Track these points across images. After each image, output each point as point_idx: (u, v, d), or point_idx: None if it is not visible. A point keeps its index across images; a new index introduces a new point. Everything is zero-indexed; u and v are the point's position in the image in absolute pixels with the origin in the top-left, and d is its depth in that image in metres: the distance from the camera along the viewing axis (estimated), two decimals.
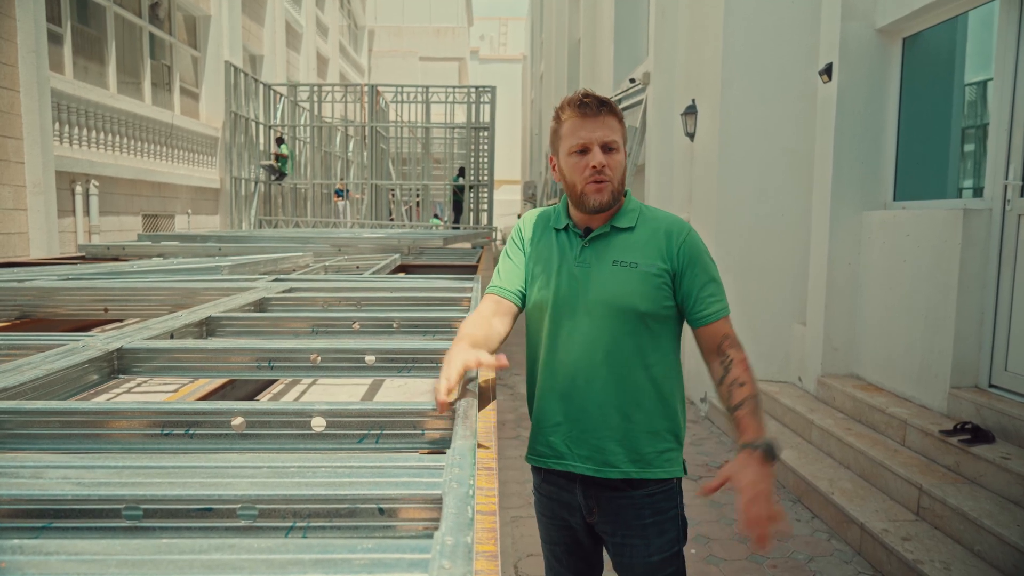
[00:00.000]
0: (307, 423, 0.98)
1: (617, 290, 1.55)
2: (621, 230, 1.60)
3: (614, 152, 1.55)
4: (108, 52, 8.88)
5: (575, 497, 1.65)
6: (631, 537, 1.61)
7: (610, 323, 1.55)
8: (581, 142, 1.54)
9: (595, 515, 1.64)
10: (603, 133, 1.53)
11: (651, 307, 1.55)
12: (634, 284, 1.55)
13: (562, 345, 1.59)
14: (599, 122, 1.54)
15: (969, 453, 3.43)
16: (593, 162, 1.53)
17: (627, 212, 1.62)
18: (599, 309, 1.56)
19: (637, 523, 1.60)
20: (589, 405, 1.57)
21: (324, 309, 2.00)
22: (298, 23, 16.93)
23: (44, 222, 6.83)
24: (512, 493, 4.01)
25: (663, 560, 1.61)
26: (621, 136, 1.58)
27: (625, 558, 1.63)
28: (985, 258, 3.81)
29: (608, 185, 1.55)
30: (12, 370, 1.12)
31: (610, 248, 1.59)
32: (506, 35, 48.25)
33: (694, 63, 6.47)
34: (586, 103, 1.54)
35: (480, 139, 15.05)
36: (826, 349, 5.00)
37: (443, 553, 0.56)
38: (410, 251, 4.49)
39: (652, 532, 1.60)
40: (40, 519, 0.68)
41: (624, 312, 1.55)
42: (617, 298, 1.55)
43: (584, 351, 1.57)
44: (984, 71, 4.18)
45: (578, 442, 1.59)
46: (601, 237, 1.60)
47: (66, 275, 2.55)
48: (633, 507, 1.60)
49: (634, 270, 1.56)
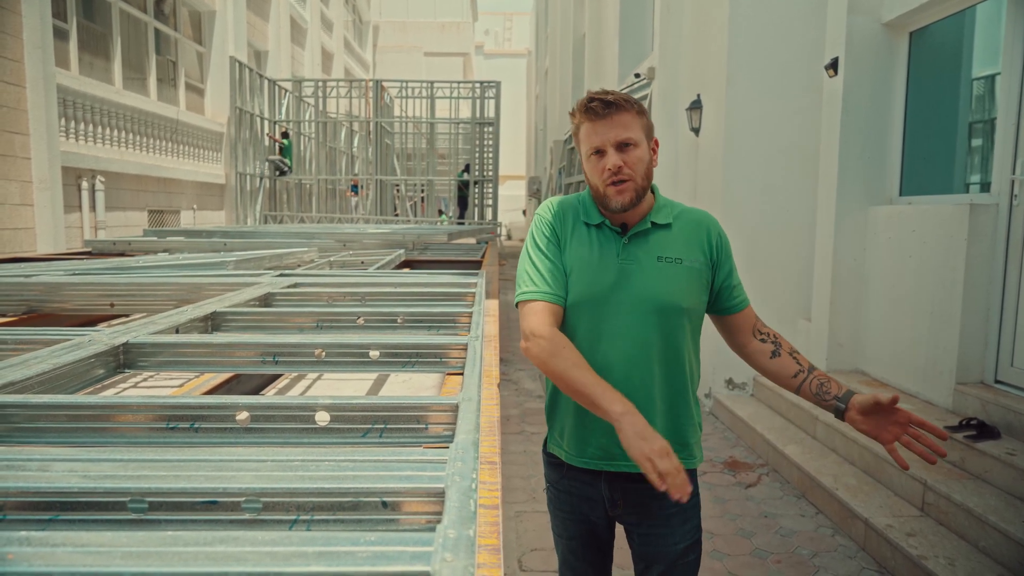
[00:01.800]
0: (311, 417, 0.98)
1: (664, 287, 1.56)
2: (660, 226, 1.61)
3: (631, 148, 1.54)
4: (113, 48, 8.90)
5: (598, 491, 1.66)
6: (657, 527, 1.64)
7: (658, 319, 1.56)
8: (595, 145, 1.55)
9: (620, 507, 1.66)
10: (615, 133, 1.52)
11: (692, 303, 1.60)
12: (680, 281, 1.57)
13: (606, 343, 1.58)
14: (609, 122, 1.52)
15: (974, 449, 3.42)
16: (608, 164, 1.52)
17: (661, 208, 1.63)
18: (646, 306, 1.56)
19: (662, 513, 1.64)
20: (644, 403, 1.55)
21: (329, 304, 2.00)
22: (303, 18, 16.93)
23: (50, 218, 6.86)
24: (516, 488, 4.02)
25: (687, 547, 1.66)
26: (641, 129, 1.56)
27: (651, 547, 1.66)
28: (992, 253, 3.79)
29: (629, 184, 1.54)
30: (19, 364, 1.13)
31: (652, 244, 1.59)
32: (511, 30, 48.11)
33: (699, 58, 6.45)
34: (592, 107, 1.53)
35: (485, 134, 15.02)
36: (831, 345, 4.99)
37: (445, 546, 0.57)
38: (415, 247, 4.50)
39: (676, 521, 1.64)
40: (47, 511, 0.69)
41: (670, 308, 1.56)
42: (664, 295, 1.56)
43: (635, 348, 1.56)
44: (991, 65, 4.15)
45: None
46: (641, 234, 1.60)
47: (72, 270, 2.56)
48: (659, 497, 1.61)
49: (679, 266, 1.58)
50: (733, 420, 5.32)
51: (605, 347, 1.58)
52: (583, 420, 1.63)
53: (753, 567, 3.20)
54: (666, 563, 1.65)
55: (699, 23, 6.46)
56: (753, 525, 3.64)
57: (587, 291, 1.58)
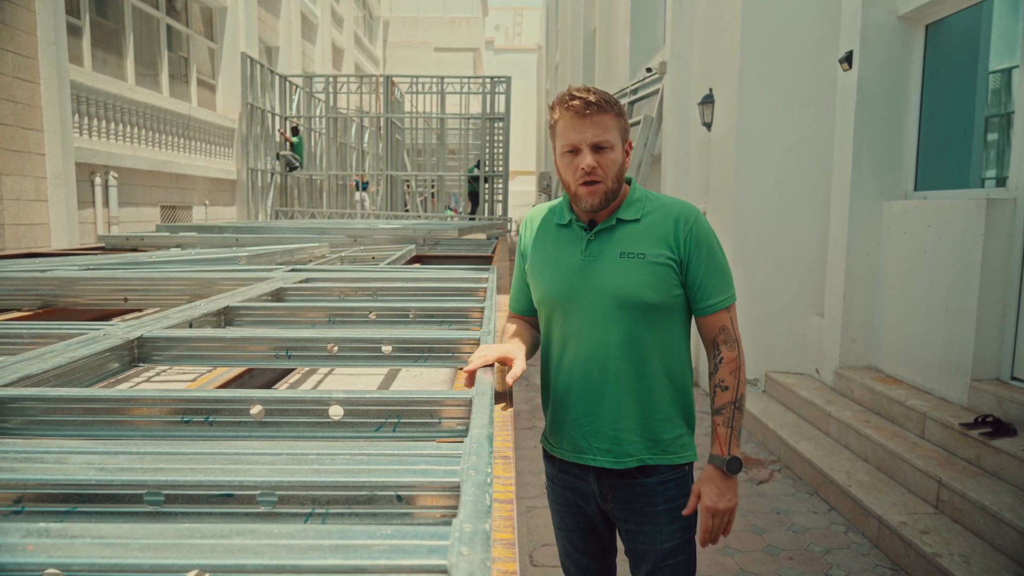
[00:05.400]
0: (325, 411, 0.98)
1: (625, 281, 1.55)
2: (627, 222, 1.59)
3: (606, 151, 1.53)
4: (126, 44, 8.95)
5: (589, 485, 1.67)
6: (644, 524, 1.63)
7: (620, 315, 1.56)
8: (571, 143, 1.53)
9: (609, 502, 1.66)
10: (593, 133, 1.51)
11: (659, 298, 1.55)
12: (642, 275, 1.54)
13: (574, 339, 1.60)
14: (588, 122, 1.51)
15: (990, 446, 3.38)
16: (582, 164, 1.51)
17: (632, 203, 1.61)
18: (608, 301, 1.56)
19: (650, 510, 1.63)
20: (605, 396, 1.59)
21: (340, 299, 2.01)
22: (313, 14, 16.96)
23: (65, 213, 6.91)
24: (527, 483, 4.03)
25: (675, 547, 1.63)
26: (617, 132, 1.55)
27: (638, 544, 1.65)
28: (1008, 249, 3.74)
29: (600, 186, 1.53)
30: (36, 358, 1.14)
31: (616, 240, 1.58)
32: (521, 25, 47.99)
33: (711, 52, 6.40)
34: (573, 105, 1.51)
35: (495, 130, 15.01)
36: (844, 341, 4.95)
37: (462, 540, 0.57)
38: (425, 242, 4.49)
39: (664, 519, 1.63)
40: (65, 503, 0.69)
41: (633, 303, 1.55)
42: (625, 289, 1.54)
43: (597, 344, 1.58)
44: (1009, 58, 4.09)
45: (596, 435, 1.60)
46: (606, 230, 1.60)
47: (87, 265, 2.58)
48: (646, 494, 1.62)
49: (641, 261, 1.55)
50: (745, 416, 5.29)
51: (572, 343, 1.60)
52: (558, 414, 1.66)
53: (765, 564, 3.18)
54: (653, 562, 1.64)
55: (711, 17, 6.41)
56: (765, 521, 3.62)
57: (549, 288, 1.62)
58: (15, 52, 6.32)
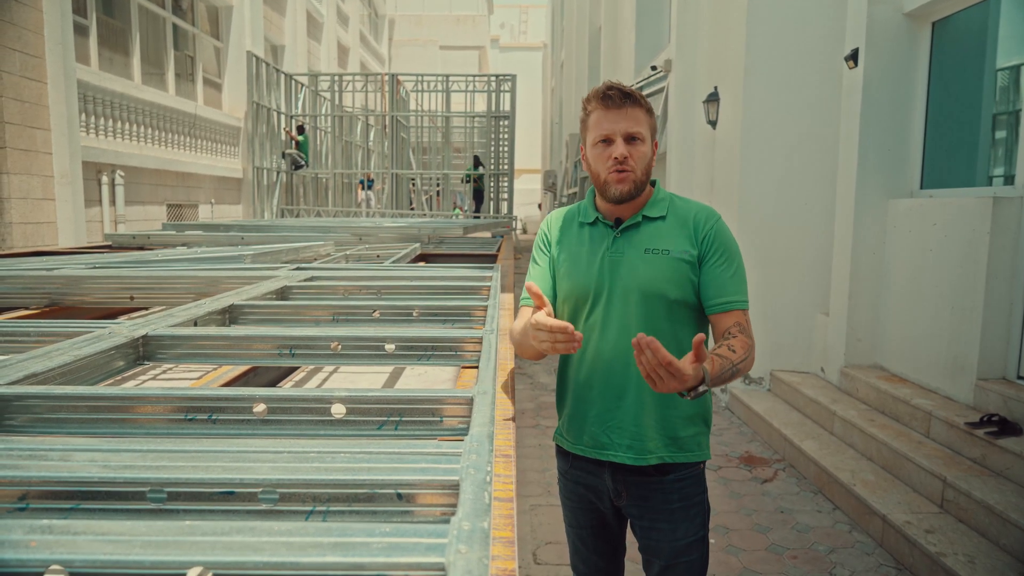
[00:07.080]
0: (327, 410, 0.99)
1: (649, 276, 1.57)
2: (652, 219, 1.63)
3: (638, 143, 1.57)
4: (132, 43, 8.98)
5: (603, 482, 1.68)
6: (659, 521, 1.64)
7: (644, 310, 1.58)
8: (604, 133, 1.57)
9: (624, 499, 1.67)
10: (626, 124, 1.55)
11: (681, 293, 1.58)
12: (665, 271, 1.57)
13: (597, 334, 1.62)
14: (623, 113, 1.55)
15: (996, 446, 3.37)
16: (615, 153, 1.55)
17: (657, 202, 1.65)
18: (632, 296, 1.58)
19: (665, 508, 1.64)
20: (628, 392, 1.59)
21: (345, 297, 2.01)
22: (319, 12, 16.98)
23: (71, 212, 6.95)
24: (531, 481, 4.03)
25: (689, 544, 1.64)
26: (647, 127, 1.59)
27: (652, 541, 1.66)
28: (1015, 247, 3.73)
29: (630, 175, 1.57)
30: (41, 356, 1.15)
31: (642, 237, 1.61)
32: (526, 23, 47.96)
33: (717, 50, 6.39)
34: (610, 95, 1.56)
35: (500, 128, 15.00)
36: (849, 339, 4.94)
37: (460, 538, 0.57)
38: (430, 240, 4.50)
39: (679, 516, 1.64)
40: (68, 500, 0.70)
41: (656, 298, 1.57)
42: (649, 284, 1.57)
43: (620, 338, 1.59)
44: (1017, 55, 4.07)
45: (618, 431, 1.61)
46: (632, 227, 1.62)
47: (93, 264, 2.59)
48: (662, 492, 1.63)
49: (665, 257, 1.58)
50: (749, 415, 5.28)
51: (596, 338, 1.62)
52: (578, 409, 1.66)
53: (769, 562, 3.18)
54: (667, 558, 1.64)
55: (716, 14, 6.39)
56: (769, 520, 3.62)
57: (576, 285, 1.64)
58: (22, 51, 6.35)
